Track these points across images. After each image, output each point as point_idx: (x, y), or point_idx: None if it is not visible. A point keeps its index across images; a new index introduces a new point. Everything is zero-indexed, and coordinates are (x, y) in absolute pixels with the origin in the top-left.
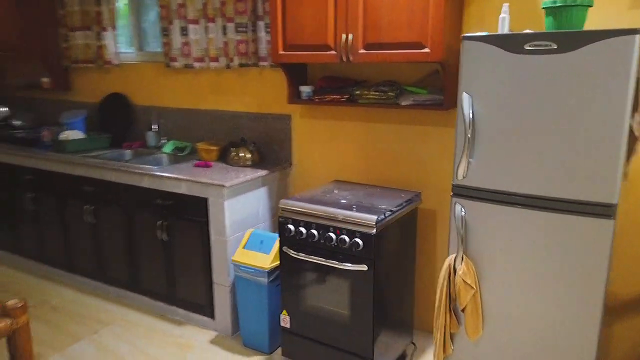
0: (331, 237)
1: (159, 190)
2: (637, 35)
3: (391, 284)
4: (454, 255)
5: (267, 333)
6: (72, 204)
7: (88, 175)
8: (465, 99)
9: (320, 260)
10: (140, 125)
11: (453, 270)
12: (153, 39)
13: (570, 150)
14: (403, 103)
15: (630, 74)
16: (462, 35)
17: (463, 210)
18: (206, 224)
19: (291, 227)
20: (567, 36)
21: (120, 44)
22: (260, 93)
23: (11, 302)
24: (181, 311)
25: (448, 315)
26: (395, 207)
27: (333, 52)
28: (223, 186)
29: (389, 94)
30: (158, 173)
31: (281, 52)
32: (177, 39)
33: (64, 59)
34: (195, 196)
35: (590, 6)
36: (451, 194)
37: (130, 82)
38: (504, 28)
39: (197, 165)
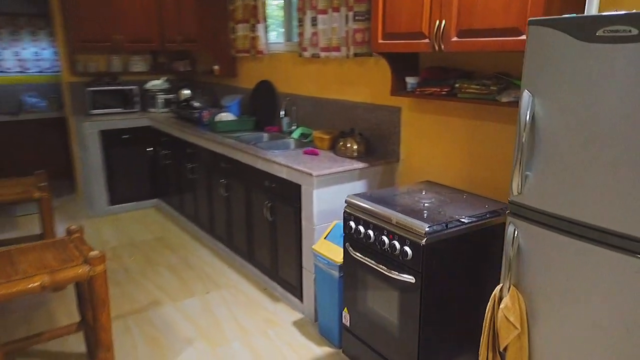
0: (384, 241)
1: (268, 173)
2: None
3: (449, 303)
4: (501, 285)
5: (337, 326)
6: (214, 177)
7: (224, 153)
8: (525, 98)
9: (372, 263)
10: (287, 111)
11: (498, 303)
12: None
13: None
14: (503, 99)
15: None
16: (529, 18)
17: (516, 232)
18: (299, 209)
19: (352, 224)
20: None
21: (274, 35)
22: (374, 83)
23: (93, 253)
24: (279, 289)
25: (491, 355)
26: (468, 218)
27: (426, 40)
28: (311, 175)
29: (491, 88)
30: (267, 157)
31: (380, 41)
32: (308, 29)
33: (231, 49)
34: (292, 182)
35: None
36: (507, 211)
37: (275, 70)
38: (590, 8)
39: (305, 153)
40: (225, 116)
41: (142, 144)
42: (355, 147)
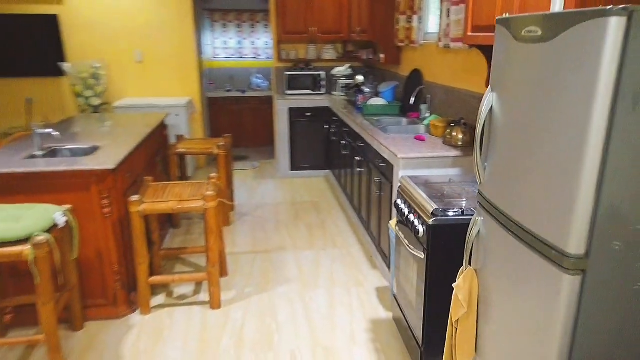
0: (410, 219)
1: (378, 153)
2: (613, 19)
3: (450, 279)
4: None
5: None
6: (354, 154)
7: (359, 133)
8: (486, 92)
9: (401, 237)
10: (425, 98)
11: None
12: None
13: (534, 170)
14: None
15: (597, 79)
16: (497, 17)
17: (478, 219)
18: (392, 187)
19: (399, 201)
20: (549, 20)
21: (433, 26)
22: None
23: (208, 193)
24: (380, 258)
25: (451, 327)
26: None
27: None
28: (397, 157)
29: None
30: (378, 138)
31: (469, 33)
32: (444, 20)
33: (395, 39)
34: (389, 162)
35: None
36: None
37: (424, 59)
38: (554, 5)
39: (415, 138)
40: (376, 101)
41: (320, 122)
42: (460, 136)
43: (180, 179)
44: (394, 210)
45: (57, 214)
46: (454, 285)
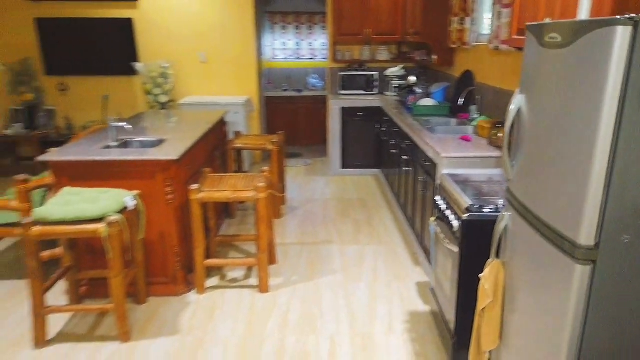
0: (446, 214)
1: (424, 152)
2: (620, 28)
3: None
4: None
5: None
6: (402, 154)
7: (407, 133)
8: (516, 94)
9: (439, 231)
10: (475, 100)
11: None
12: None
13: (552, 166)
14: None
15: (606, 81)
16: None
17: (506, 214)
18: (434, 187)
19: (438, 198)
20: (567, 27)
21: (485, 28)
22: None
23: (259, 184)
24: (422, 255)
25: (479, 316)
26: None
27: None
28: (440, 156)
29: None
30: (424, 138)
31: (514, 36)
32: (495, 22)
33: (448, 40)
34: (433, 162)
35: None
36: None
37: (475, 61)
38: (581, 14)
39: (460, 138)
40: (426, 101)
41: (371, 122)
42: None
43: (237, 172)
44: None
45: (128, 198)
46: (480, 275)
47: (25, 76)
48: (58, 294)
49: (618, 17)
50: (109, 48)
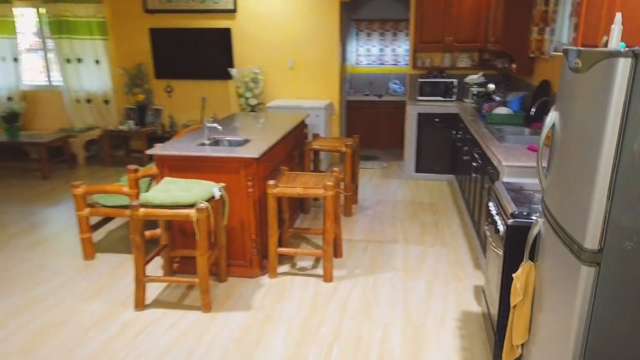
0: (495, 219)
1: (490, 160)
2: (621, 59)
3: None
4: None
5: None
6: (472, 160)
7: (478, 141)
8: (551, 111)
9: (488, 235)
10: (549, 110)
11: None
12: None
13: (570, 176)
14: None
15: (610, 106)
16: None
17: (539, 220)
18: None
19: (490, 203)
20: (584, 55)
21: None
22: None
23: (328, 183)
24: (483, 259)
25: (512, 314)
26: None
27: None
28: (501, 164)
29: None
30: (490, 146)
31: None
32: (572, 33)
33: (528, 49)
34: (497, 170)
35: None
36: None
37: (553, 71)
38: (612, 42)
39: (528, 148)
40: (501, 110)
41: (447, 128)
42: None
43: (313, 172)
44: None
45: (215, 189)
46: (513, 275)
47: (139, 79)
48: (155, 268)
49: (621, 49)
50: (208, 55)
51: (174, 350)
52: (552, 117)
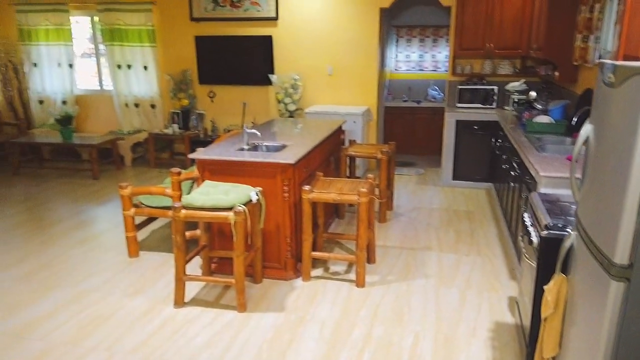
0: (529, 231)
1: (528, 170)
2: None
3: None
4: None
5: None
6: (511, 169)
7: (517, 149)
8: (585, 124)
9: (522, 246)
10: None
11: None
12: None
13: (600, 191)
14: None
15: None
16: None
17: (571, 232)
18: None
19: (525, 214)
20: (617, 70)
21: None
22: None
23: (363, 190)
24: (519, 270)
25: (543, 326)
26: None
27: None
28: (539, 174)
29: None
30: (528, 155)
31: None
32: (615, 43)
33: (572, 57)
34: (534, 180)
35: None
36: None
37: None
38: None
39: (567, 158)
40: (541, 118)
41: (486, 136)
42: None
43: (349, 178)
44: None
45: (252, 193)
46: (545, 287)
47: (184, 84)
48: (195, 267)
49: None
50: (250, 61)
51: (209, 348)
52: (586, 130)
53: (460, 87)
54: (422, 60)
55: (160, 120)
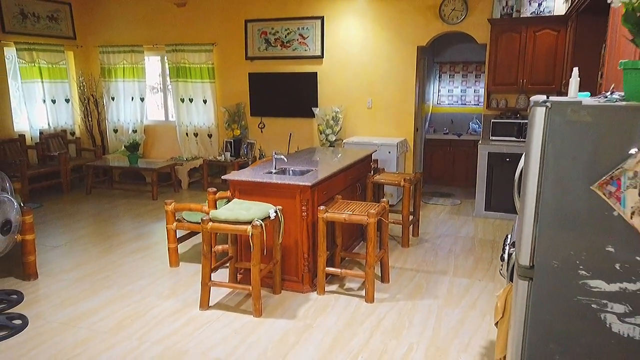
0: (505, 249)
1: None
2: (539, 108)
3: None
4: None
5: None
6: None
7: None
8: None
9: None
10: None
11: None
12: None
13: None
14: None
15: (532, 142)
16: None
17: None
18: None
19: (508, 235)
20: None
21: None
22: None
23: (371, 211)
24: None
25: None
26: None
27: None
28: None
29: None
30: None
31: None
32: None
33: (596, 92)
34: None
35: None
36: None
37: None
38: (570, 91)
39: None
40: None
41: None
42: None
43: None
44: None
45: (271, 210)
46: (496, 294)
47: (237, 116)
48: (224, 277)
49: (541, 101)
50: (297, 95)
51: (222, 344)
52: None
53: (493, 120)
54: (465, 95)
55: (216, 149)
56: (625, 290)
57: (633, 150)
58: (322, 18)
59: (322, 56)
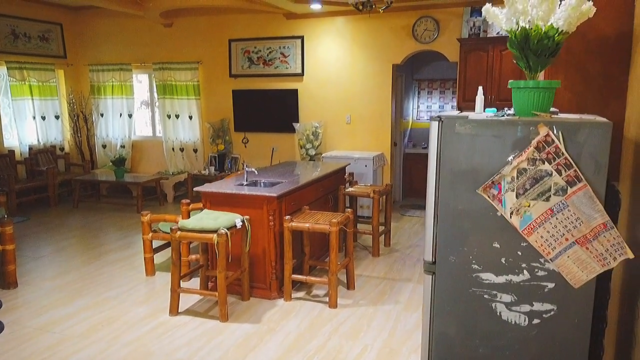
0: None
1: None
2: (434, 122)
3: None
4: None
5: None
6: None
7: None
8: None
9: None
10: None
11: None
12: None
13: None
14: None
15: (430, 154)
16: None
17: None
18: None
19: None
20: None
21: None
22: None
23: (333, 220)
24: None
25: None
26: None
27: None
28: None
29: None
30: None
31: None
32: None
33: None
34: None
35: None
36: None
37: None
38: (476, 107)
39: None
40: None
41: None
42: None
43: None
44: None
45: (237, 220)
46: None
47: (222, 131)
48: (195, 285)
49: (436, 116)
50: (279, 111)
51: (187, 346)
52: None
53: None
54: (443, 110)
55: (201, 163)
56: (510, 281)
57: (510, 158)
58: (302, 37)
59: (302, 74)
